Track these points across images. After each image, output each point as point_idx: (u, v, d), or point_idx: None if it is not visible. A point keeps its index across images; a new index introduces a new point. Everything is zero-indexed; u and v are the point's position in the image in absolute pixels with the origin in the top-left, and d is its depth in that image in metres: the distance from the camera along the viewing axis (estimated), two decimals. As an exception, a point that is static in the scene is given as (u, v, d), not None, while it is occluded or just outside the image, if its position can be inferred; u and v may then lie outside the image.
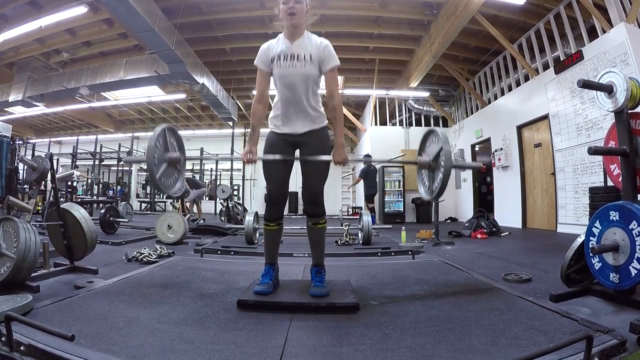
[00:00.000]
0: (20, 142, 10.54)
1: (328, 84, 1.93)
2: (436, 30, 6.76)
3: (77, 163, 11.43)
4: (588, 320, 1.49)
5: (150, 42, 6.45)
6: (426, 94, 9.34)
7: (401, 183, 9.18)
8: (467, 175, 8.94)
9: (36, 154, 11.02)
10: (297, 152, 2.04)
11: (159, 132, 1.94)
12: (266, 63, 1.94)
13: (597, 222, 1.87)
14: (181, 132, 12.85)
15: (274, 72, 1.93)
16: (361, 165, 11.93)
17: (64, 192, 7.28)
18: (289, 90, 1.91)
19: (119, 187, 13.44)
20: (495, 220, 5.88)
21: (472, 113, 9.13)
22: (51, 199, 4.54)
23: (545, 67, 6.30)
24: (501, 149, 7.37)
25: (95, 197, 10.84)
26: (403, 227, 4.77)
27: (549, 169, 6.09)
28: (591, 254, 1.85)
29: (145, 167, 1.88)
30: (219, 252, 3.56)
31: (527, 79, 6.84)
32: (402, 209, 9.09)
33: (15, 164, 4.26)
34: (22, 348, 1.21)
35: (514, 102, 7.17)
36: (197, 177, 12.36)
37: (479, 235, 5.16)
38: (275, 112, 2.01)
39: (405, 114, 10.13)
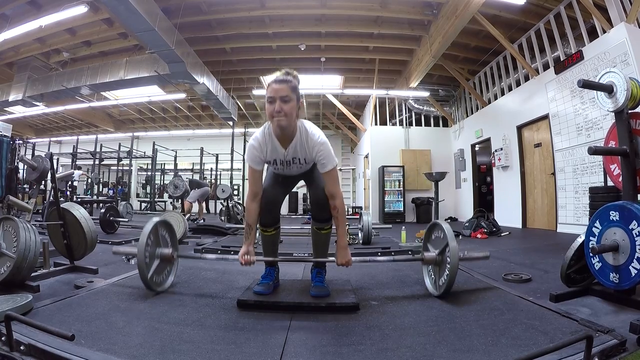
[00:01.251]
0: (20, 141, 10.53)
1: (327, 185, 1.83)
2: (436, 30, 6.75)
3: (78, 163, 11.42)
4: (588, 320, 1.49)
5: (150, 41, 6.44)
6: (426, 94, 9.33)
7: (401, 183, 9.18)
8: (467, 175, 8.94)
9: (36, 153, 11.03)
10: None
11: (151, 228, 1.98)
12: (259, 164, 1.82)
13: (597, 222, 1.87)
14: (181, 132, 12.80)
15: (269, 167, 1.94)
16: (361, 162, 11.98)
17: (63, 191, 7.27)
18: (285, 176, 1.98)
19: (119, 187, 13.43)
20: (495, 220, 5.88)
21: (472, 113, 9.13)
22: (51, 198, 4.54)
23: (546, 67, 6.30)
24: (501, 149, 7.37)
25: (95, 197, 10.85)
26: (403, 227, 4.77)
27: (549, 169, 6.09)
28: (591, 254, 1.85)
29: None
30: (219, 251, 3.55)
31: (527, 79, 6.84)
32: (402, 209, 9.09)
33: (16, 164, 4.27)
34: (22, 348, 1.21)
35: (514, 102, 7.17)
36: (198, 176, 12.37)
37: (479, 235, 5.16)
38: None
39: (405, 113, 10.13)
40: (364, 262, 2.80)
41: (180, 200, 8.26)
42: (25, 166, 4.19)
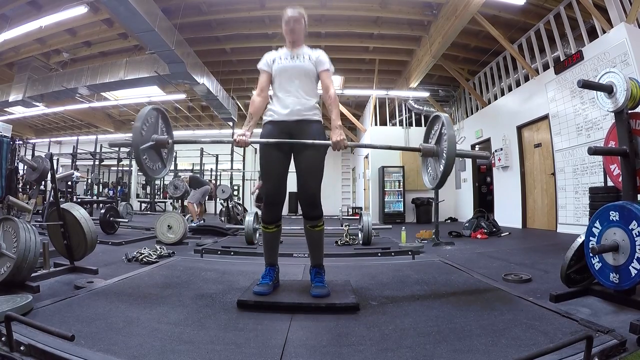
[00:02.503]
0: (20, 142, 10.54)
1: (323, 81, 2.11)
2: (436, 31, 6.76)
3: (76, 164, 11.42)
4: (588, 321, 1.49)
5: (150, 42, 6.45)
6: (426, 94, 9.33)
7: (401, 183, 9.18)
8: (467, 175, 8.94)
9: (36, 154, 11.04)
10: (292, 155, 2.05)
11: (147, 111, 1.98)
12: (268, 65, 2.11)
13: (597, 222, 1.87)
14: (181, 132, 12.76)
15: (275, 69, 2.08)
16: (361, 162, 11.96)
17: (64, 192, 7.26)
18: (287, 82, 2.05)
19: (119, 187, 13.43)
20: (495, 221, 5.88)
21: (472, 113, 9.13)
22: (51, 199, 4.54)
23: (545, 67, 6.30)
24: (501, 149, 7.37)
25: (95, 197, 10.85)
26: (403, 228, 4.77)
27: (549, 169, 6.09)
28: (591, 254, 1.85)
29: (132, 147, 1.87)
30: (219, 252, 3.55)
31: (527, 79, 6.84)
32: (402, 209, 9.09)
33: (16, 164, 4.27)
34: (22, 348, 1.21)
35: (514, 103, 7.17)
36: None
37: (479, 236, 5.16)
38: (271, 105, 2.10)
39: (405, 114, 10.13)
40: (364, 263, 2.80)
41: (180, 200, 8.20)
42: (25, 166, 4.19)
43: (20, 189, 6.59)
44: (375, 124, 10.15)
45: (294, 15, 2.14)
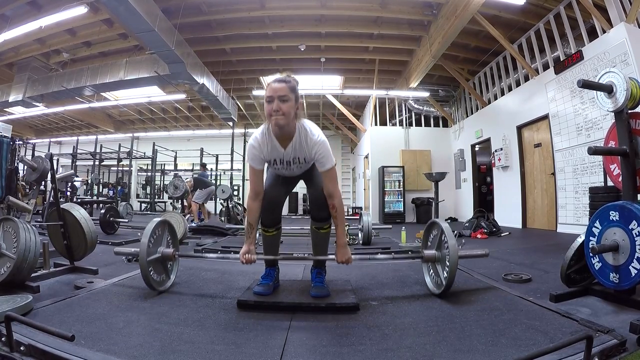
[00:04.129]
0: (20, 142, 10.54)
1: (326, 184, 1.83)
2: (436, 31, 6.75)
3: (76, 167, 11.41)
4: (588, 320, 1.49)
5: (150, 42, 6.44)
6: (426, 94, 9.33)
7: (401, 183, 9.18)
8: (467, 175, 8.94)
9: (36, 154, 11.03)
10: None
11: (152, 227, 2.03)
12: (260, 163, 1.83)
13: (597, 222, 1.87)
14: (181, 133, 12.73)
15: (269, 168, 1.94)
16: (361, 162, 11.98)
17: (63, 192, 7.26)
18: (286, 176, 1.98)
19: (119, 188, 13.43)
20: (495, 221, 5.88)
21: (472, 113, 9.13)
22: (51, 199, 4.54)
23: (545, 67, 6.30)
24: (501, 149, 7.37)
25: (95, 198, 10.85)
26: (403, 227, 4.77)
27: (549, 169, 6.09)
28: (591, 254, 1.85)
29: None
30: (219, 252, 3.55)
31: (527, 79, 6.84)
32: (402, 209, 9.08)
33: (16, 164, 4.26)
34: (22, 348, 1.21)
35: (514, 102, 7.17)
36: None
37: (479, 236, 5.16)
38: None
39: (405, 114, 10.13)
40: (364, 263, 2.80)
41: (180, 201, 8.18)
42: (25, 167, 4.19)
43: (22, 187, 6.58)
44: (375, 124, 10.15)
45: (278, 88, 1.67)
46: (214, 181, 13.02)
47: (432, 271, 2.11)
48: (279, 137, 1.78)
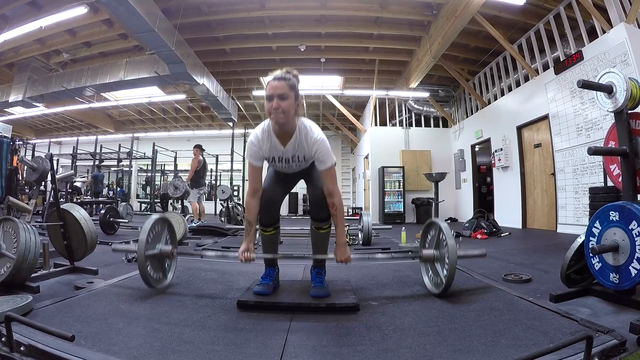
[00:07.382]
0: (20, 142, 10.54)
1: (326, 183, 1.83)
2: (436, 31, 6.76)
3: (76, 167, 11.42)
4: (588, 321, 1.49)
5: (150, 42, 6.44)
6: (426, 95, 9.34)
7: (401, 184, 9.18)
8: (467, 175, 8.94)
9: (36, 154, 11.03)
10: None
11: (151, 224, 2.04)
12: (259, 160, 1.84)
13: (597, 222, 1.87)
14: (181, 133, 12.71)
15: (269, 167, 1.97)
16: (361, 162, 11.98)
17: (71, 192, 7.25)
18: (285, 175, 1.99)
19: (119, 188, 13.43)
20: (495, 221, 5.88)
21: (472, 113, 9.14)
22: (51, 199, 4.54)
23: (545, 67, 6.31)
24: (501, 149, 7.37)
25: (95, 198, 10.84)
26: (403, 228, 4.77)
27: (549, 169, 6.09)
28: (591, 254, 1.85)
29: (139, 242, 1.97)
30: (219, 252, 3.55)
31: (527, 79, 6.84)
32: (402, 210, 9.09)
33: (15, 165, 4.26)
34: (22, 348, 1.21)
35: (513, 103, 7.17)
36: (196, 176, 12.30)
37: (479, 236, 5.16)
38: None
39: (405, 114, 10.14)
40: (364, 263, 2.80)
41: (180, 201, 8.18)
42: (25, 167, 4.19)
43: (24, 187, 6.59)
44: (375, 124, 10.16)
45: (277, 86, 1.68)
46: (214, 182, 13.05)
47: (430, 271, 2.10)
48: (279, 134, 1.79)
